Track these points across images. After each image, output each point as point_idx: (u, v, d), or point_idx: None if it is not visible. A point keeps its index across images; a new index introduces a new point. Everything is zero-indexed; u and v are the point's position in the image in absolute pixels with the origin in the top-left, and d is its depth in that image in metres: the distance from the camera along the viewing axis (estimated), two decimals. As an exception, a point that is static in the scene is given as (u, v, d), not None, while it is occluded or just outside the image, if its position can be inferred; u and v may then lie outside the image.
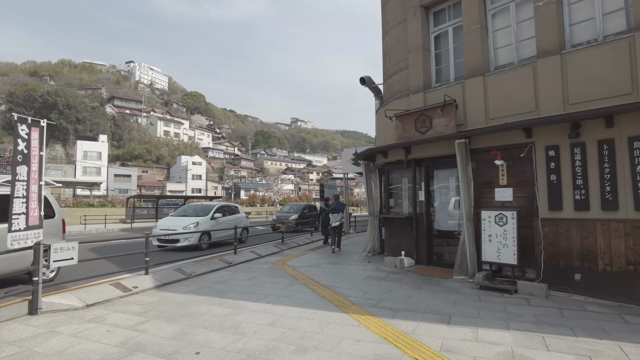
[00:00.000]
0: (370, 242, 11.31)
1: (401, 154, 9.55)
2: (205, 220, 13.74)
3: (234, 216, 15.48)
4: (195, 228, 13.09)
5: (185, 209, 15.27)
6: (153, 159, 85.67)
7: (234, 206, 16.34)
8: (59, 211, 7.92)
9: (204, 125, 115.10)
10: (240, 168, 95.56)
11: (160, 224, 13.66)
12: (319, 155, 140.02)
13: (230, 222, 14.76)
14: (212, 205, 15.08)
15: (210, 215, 14.10)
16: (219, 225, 14.22)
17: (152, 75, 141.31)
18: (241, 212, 16.27)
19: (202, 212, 14.43)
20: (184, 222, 13.34)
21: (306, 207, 23.42)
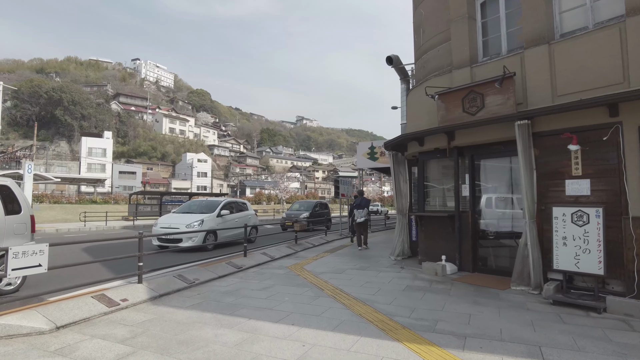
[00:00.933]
0: (399, 243, 9.86)
1: (442, 141, 8.08)
2: (211, 218, 12.36)
3: (243, 213, 14.12)
4: (200, 226, 11.69)
5: (189, 205, 13.88)
6: (158, 156, 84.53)
7: (242, 203, 15.03)
8: (27, 206, 6.38)
9: (209, 122, 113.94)
10: (246, 166, 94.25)
11: (160, 222, 12.28)
12: (324, 153, 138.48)
13: (238, 220, 13.39)
14: (219, 201, 13.66)
15: (217, 212, 12.71)
16: (226, 224, 12.85)
17: (158, 73, 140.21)
18: (250, 209, 15.00)
19: (208, 208, 13.00)
20: (188, 220, 11.94)
21: (317, 205, 21.97)
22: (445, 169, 8.75)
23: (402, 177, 10.07)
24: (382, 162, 18.32)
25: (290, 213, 21.06)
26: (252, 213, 14.97)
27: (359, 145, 18.91)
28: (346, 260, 9.60)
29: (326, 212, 22.55)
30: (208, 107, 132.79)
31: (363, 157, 18.76)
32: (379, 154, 18.40)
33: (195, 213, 12.76)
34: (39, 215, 29.12)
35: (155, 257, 9.84)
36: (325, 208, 22.82)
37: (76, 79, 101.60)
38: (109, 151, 70.63)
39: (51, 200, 37.74)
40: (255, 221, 14.71)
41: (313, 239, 13.75)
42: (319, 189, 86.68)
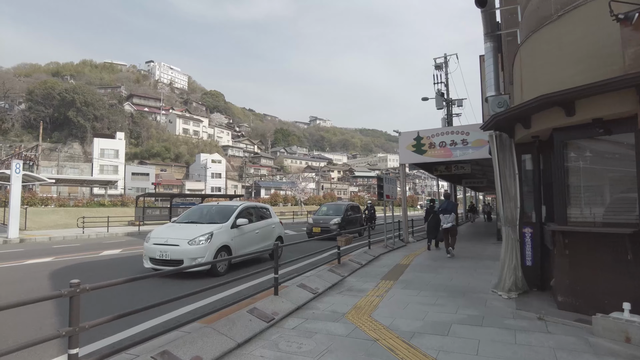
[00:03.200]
0: (509, 272, 6.35)
1: (616, 103, 4.58)
2: (224, 230, 9.02)
3: (265, 223, 10.84)
4: (208, 242, 8.37)
5: (196, 212, 10.46)
6: (172, 157, 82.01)
7: (263, 208, 11.52)
8: None
9: (223, 123, 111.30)
10: (260, 166, 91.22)
11: (155, 235, 8.90)
12: (338, 153, 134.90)
13: (260, 231, 10.29)
14: (234, 206, 10.15)
15: (231, 221, 9.34)
16: (244, 237, 9.59)
17: (172, 75, 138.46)
18: (274, 216, 11.63)
19: (220, 216, 9.66)
20: (192, 233, 8.59)
21: (349, 208, 18.76)
22: (609, 156, 5.27)
23: (510, 171, 6.59)
24: (431, 155, 14.82)
25: (317, 218, 17.73)
26: (277, 221, 11.58)
27: (401, 136, 15.43)
28: (432, 299, 6.14)
29: (359, 216, 19.22)
30: (222, 108, 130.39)
31: (407, 151, 15.27)
32: (427, 145, 14.89)
33: (202, 223, 9.43)
34: (38, 221, 26.26)
35: (135, 291, 6.56)
36: (358, 211, 19.48)
37: (91, 81, 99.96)
38: (122, 152, 68.23)
39: (57, 203, 35.02)
40: (281, 231, 11.52)
41: (356, 255, 10.34)
42: (335, 189, 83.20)
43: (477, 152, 14.11)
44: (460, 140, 14.33)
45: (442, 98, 27.62)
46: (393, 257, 10.91)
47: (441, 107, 27.32)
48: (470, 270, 8.62)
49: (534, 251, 6.51)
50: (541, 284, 6.41)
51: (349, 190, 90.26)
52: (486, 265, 9.25)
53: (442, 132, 14.75)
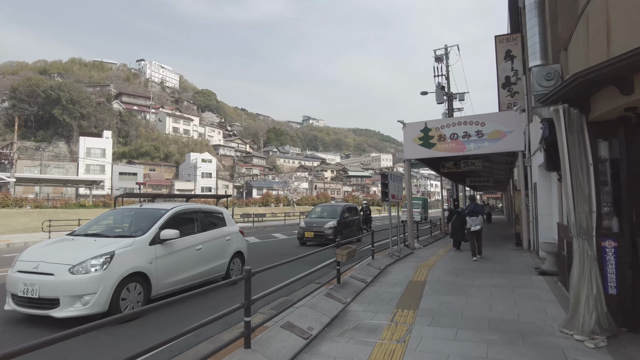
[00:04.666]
0: (589, 304, 4.33)
1: None
2: (137, 248, 5.94)
3: (213, 233, 7.69)
4: (104, 269, 5.36)
5: (104, 219, 7.34)
6: (161, 156, 79.47)
7: (213, 212, 8.26)
8: None
9: (214, 122, 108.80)
10: (252, 166, 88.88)
11: (25, 257, 5.74)
12: (331, 153, 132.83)
13: (205, 246, 7.26)
14: (161, 211, 6.86)
15: (151, 234, 6.23)
16: (175, 257, 6.54)
17: (163, 74, 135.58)
18: (231, 224, 8.58)
19: (136, 226, 6.70)
20: (79, 254, 5.51)
21: (346, 210, 16.67)
22: None
23: (582, 162, 4.60)
24: (441, 150, 12.87)
25: (310, 221, 15.64)
26: (234, 230, 8.52)
27: (406, 127, 13.45)
28: (479, 348, 4.11)
29: (356, 218, 17.19)
30: (213, 108, 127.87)
31: (412, 144, 13.30)
32: (435, 138, 12.94)
33: (108, 236, 6.33)
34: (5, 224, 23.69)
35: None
36: (355, 213, 17.45)
37: (79, 79, 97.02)
38: (109, 151, 65.69)
39: (33, 204, 32.63)
40: (241, 246, 8.70)
41: (359, 269, 8.33)
42: (329, 189, 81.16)
43: (494, 145, 12.20)
44: (474, 131, 12.41)
45: (443, 92, 25.71)
46: (403, 270, 8.93)
47: (441, 102, 25.42)
48: (507, 290, 6.66)
49: (619, 274, 4.53)
50: (633, 322, 4.45)
51: (342, 190, 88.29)
52: (523, 281, 7.29)
53: (454, 123, 12.81)
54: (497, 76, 13.09)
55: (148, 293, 5.97)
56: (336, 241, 13.47)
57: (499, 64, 12.85)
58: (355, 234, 16.42)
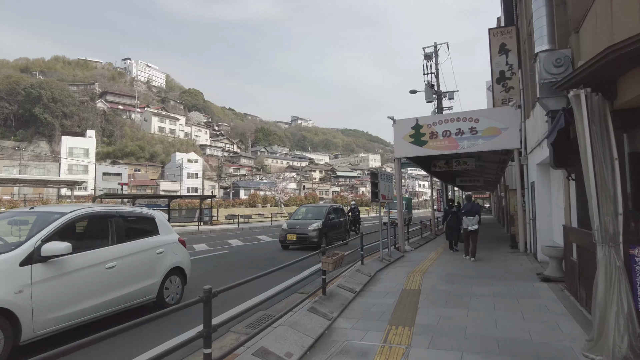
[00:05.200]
0: (619, 324, 3.65)
1: None
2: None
3: (138, 245, 5.89)
4: None
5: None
6: (146, 156, 77.86)
7: (140, 217, 6.37)
8: None
9: (201, 122, 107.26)
10: (240, 166, 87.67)
11: None
12: (320, 153, 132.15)
13: (120, 263, 5.42)
14: (56, 215, 4.98)
15: (25, 250, 4.34)
16: (69, 282, 4.70)
17: (150, 73, 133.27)
18: (165, 232, 6.63)
19: (12, 237, 4.94)
20: None
21: (332, 211, 15.74)
22: None
23: (606, 155, 3.91)
24: (433, 147, 12.22)
25: (293, 223, 14.68)
26: (170, 240, 6.57)
27: (396, 124, 12.77)
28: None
29: (343, 220, 16.42)
30: (200, 107, 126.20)
31: (403, 142, 12.63)
32: (427, 135, 12.29)
33: None
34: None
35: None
36: (342, 214, 16.67)
37: (63, 78, 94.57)
38: (92, 151, 64.02)
39: (7, 205, 31.28)
40: (181, 259, 6.68)
41: (347, 276, 7.59)
42: (317, 190, 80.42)
43: (489, 142, 11.59)
44: (468, 128, 11.78)
45: (432, 90, 25.21)
46: (394, 276, 8.21)
47: (431, 100, 24.90)
48: (510, 300, 5.98)
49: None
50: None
51: (331, 191, 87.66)
52: (526, 289, 6.63)
53: (446, 119, 12.17)
54: (491, 71, 12.49)
55: (13, 338, 4.03)
56: (321, 244, 12.81)
57: (493, 58, 12.25)
58: (342, 237, 15.76)
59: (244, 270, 9.59)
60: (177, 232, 7.21)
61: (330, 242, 14.09)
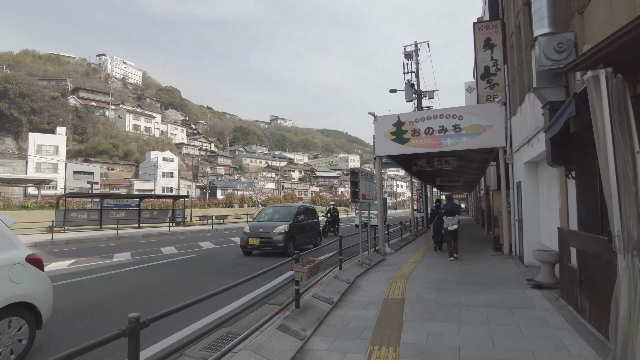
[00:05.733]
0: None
1: None
2: None
3: None
4: None
5: None
6: (120, 154, 75.41)
7: None
8: None
9: (178, 120, 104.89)
10: (217, 165, 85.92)
11: None
12: (299, 153, 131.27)
13: None
14: None
15: None
16: None
17: (125, 69, 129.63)
18: (7, 248, 4.23)
19: None
20: None
21: (302, 212, 14.24)
22: None
23: (624, 145, 3.29)
24: (415, 145, 11.64)
25: (257, 225, 12.95)
26: (12, 261, 4.14)
27: (377, 121, 12.14)
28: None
29: (314, 221, 15.24)
30: (178, 105, 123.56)
31: (384, 140, 12.01)
32: (409, 133, 11.70)
33: None
34: None
35: None
36: (313, 215, 15.43)
37: (32, 72, 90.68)
38: (62, 149, 61.39)
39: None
40: (26, 292, 4.15)
41: (324, 284, 6.84)
42: (296, 190, 79.56)
43: (473, 140, 11.08)
44: (451, 125, 11.25)
45: (412, 89, 24.80)
46: (375, 283, 7.53)
47: (411, 99, 24.48)
48: (505, 312, 5.36)
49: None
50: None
51: (310, 191, 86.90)
52: (519, 298, 6.04)
53: (429, 116, 11.60)
54: (475, 66, 12.00)
55: None
56: (288, 249, 11.89)
57: (478, 53, 11.75)
58: (314, 240, 14.67)
59: (211, 279, 8.74)
60: (147, 233, 6.37)
61: (300, 246, 12.62)
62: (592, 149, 4.76)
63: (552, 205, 7.80)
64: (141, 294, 7.32)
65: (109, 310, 6.14)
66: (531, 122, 7.85)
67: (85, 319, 5.68)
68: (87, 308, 6.28)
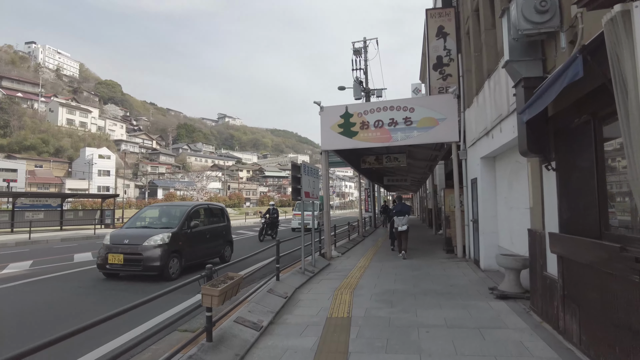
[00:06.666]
0: None
1: None
2: None
3: None
4: None
5: None
6: (51, 151, 69.18)
7: None
8: None
9: (118, 116, 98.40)
10: (159, 164, 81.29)
11: None
12: (248, 153, 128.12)
13: None
14: None
15: None
16: None
17: (60, 60, 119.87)
18: None
19: None
20: None
21: (198, 213, 10.24)
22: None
23: None
24: (364, 139, 10.59)
25: (121, 235, 8.81)
26: None
27: (323, 112, 10.95)
28: None
29: (221, 226, 10.92)
30: (118, 100, 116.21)
31: (331, 132, 10.85)
32: (358, 125, 10.63)
33: None
34: None
35: None
36: (221, 219, 11.12)
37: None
38: (-21, 143, 54.94)
39: None
40: None
41: (254, 304, 5.48)
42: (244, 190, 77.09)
43: (425, 134, 10.20)
44: (402, 118, 10.31)
45: (361, 87, 24.10)
46: (318, 295, 6.29)
47: (359, 97, 23.78)
48: (473, 335, 4.32)
49: None
50: None
51: (258, 191, 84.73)
52: (486, 314, 5.06)
53: (379, 108, 10.60)
54: (427, 56, 11.17)
55: None
56: (168, 268, 8.21)
57: (430, 42, 10.93)
58: (218, 252, 10.57)
59: (121, 296, 7.08)
60: (68, 237, 5.62)
61: (192, 262, 9.13)
62: (581, 135, 3.81)
63: (513, 204, 6.98)
64: (11, 321, 5.55)
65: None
66: (491, 111, 6.99)
67: None
68: None
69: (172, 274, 8.35)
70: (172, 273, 8.36)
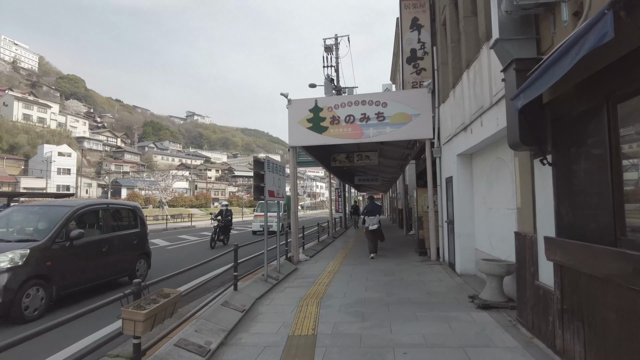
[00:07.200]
0: None
1: None
2: None
3: None
4: None
5: None
6: (5, 147, 64.84)
7: None
8: None
9: (80, 112, 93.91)
10: (124, 162, 77.95)
11: None
12: (218, 152, 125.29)
13: None
14: None
15: None
16: None
17: (17, 52, 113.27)
18: None
19: None
20: None
21: (86, 214, 7.16)
22: None
23: None
24: (335, 135, 9.90)
25: None
26: None
27: (291, 105, 10.17)
28: None
29: (131, 233, 8.00)
30: (82, 96, 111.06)
31: (299, 127, 10.08)
32: (328, 120, 9.93)
33: None
34: None
35: None
36: (131, 223, 8.17)
37: None
38: None
39: None
40: None
41: (203, 321, 4.64)
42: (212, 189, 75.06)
43: (398, 131, 9.63)
44: (374, 113, 9.69)
45: (332, 84, 23.52)
46: (281, 308, 5.52)
47: (330, 95, 23.12)
48: (455, 354, 3.68)
49: None
50: None
51: (227, 191, 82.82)
52: (469, 329, 4.45)
53: (350, 102, 9.94)
54: (401, 48, 10.59)
55: None
56: (20, 305, 5.39)
57: (404, 34, 10.37)
58: (125, 269, 7.72)
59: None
60: None
61: (75, 288, 6.32)
62: (587, 123, 3.21)
63: (493, 204, 6.45)
64: None
65: None
66: (470, 104, 6.43)
67: None
68: None
69: (34, 311, 5.50)
70: (34, 310, 5.49)
